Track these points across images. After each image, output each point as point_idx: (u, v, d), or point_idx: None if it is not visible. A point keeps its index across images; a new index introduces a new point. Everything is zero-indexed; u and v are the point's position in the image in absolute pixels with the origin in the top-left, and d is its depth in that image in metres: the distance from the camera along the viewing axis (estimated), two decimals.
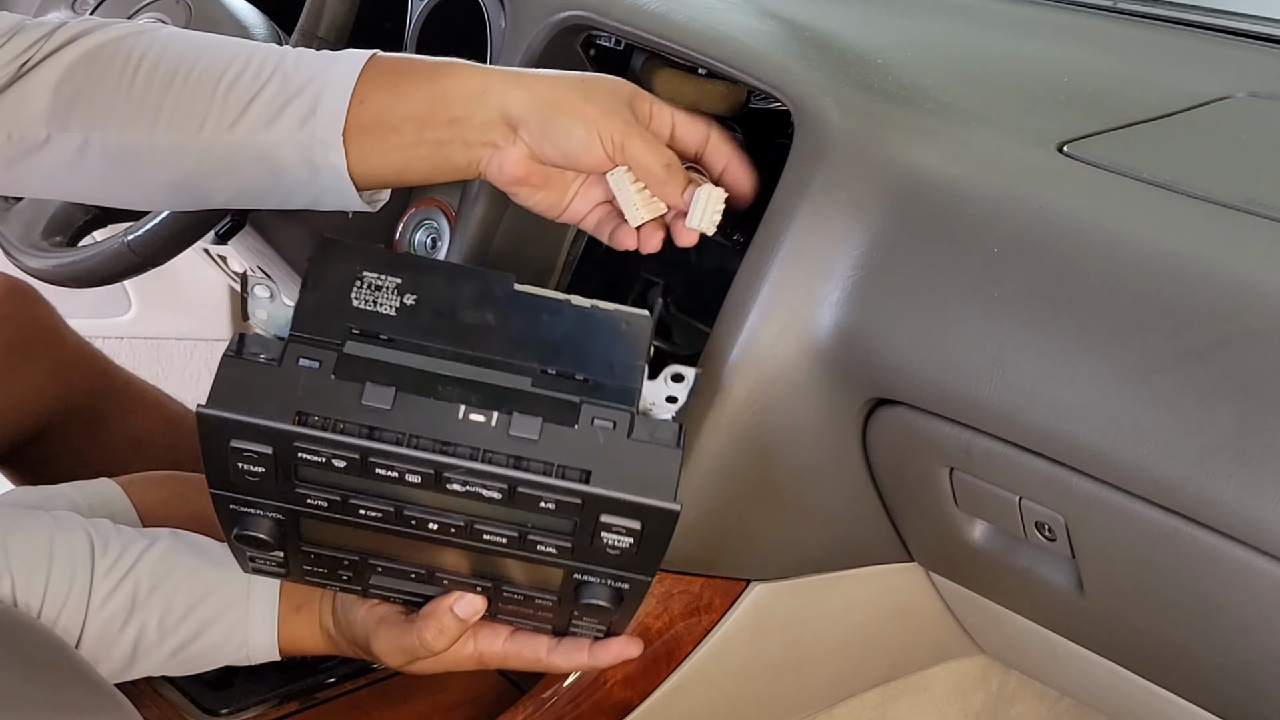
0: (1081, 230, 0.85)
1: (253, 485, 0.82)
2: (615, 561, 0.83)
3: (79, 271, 1.14)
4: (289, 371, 0.79)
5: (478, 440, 0.79)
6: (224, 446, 0.79)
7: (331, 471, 0.80)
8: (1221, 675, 0.85)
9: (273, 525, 0.85)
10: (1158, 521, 0.79)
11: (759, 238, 0.94)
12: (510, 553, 0.84)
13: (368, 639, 0.95)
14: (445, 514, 0.82)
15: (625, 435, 0.80)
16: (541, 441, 0.79)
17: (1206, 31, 1.23)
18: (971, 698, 1.32)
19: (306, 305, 0.82)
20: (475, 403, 0.79)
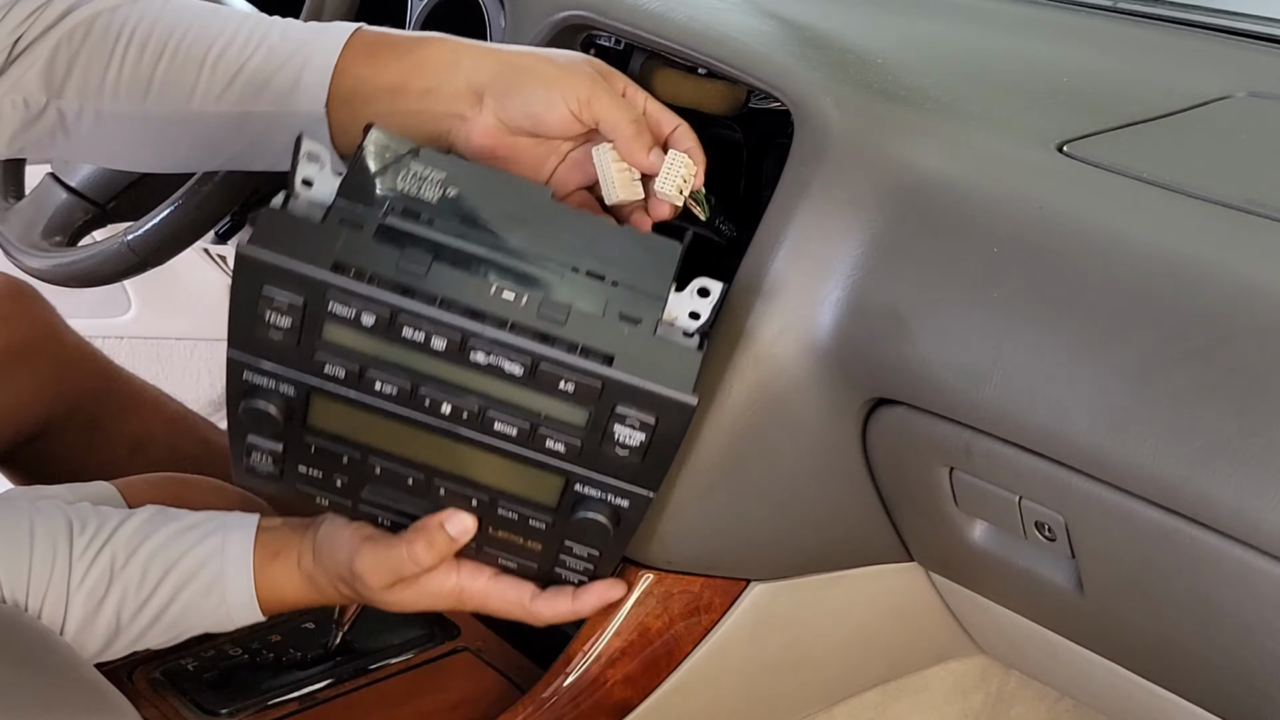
0: (1081, 230, 0.85)
1: (274, 344, 0.82)
2: (621, 466, 0.83)
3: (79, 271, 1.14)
4: (330, 228, 0.80)
5: (507, 314, 0.79)
6: (256, 293, 0.79)
7: (357, 333, 0.80)
8: (1221, 675, 0.85)
9: (282, 402, 0.84)
10: (1158, 521, 0.79)
11: (759, 237, 0.94)
12: (516, 451, 0.83)
13: (351, 559, 0.93)
14: (461, 395, 0.82)
15: (650, 331, 0.81)
16: (569, 324, 0.80)
17: (1206, 31, 1.23)
18: (971, 698, 1.32)
19: (353, 178, 0.83)
20: (508, 282, 0.80)
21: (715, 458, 0.96)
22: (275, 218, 0.80)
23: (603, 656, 1.03)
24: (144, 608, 0.95)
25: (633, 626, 1.02)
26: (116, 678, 1.04)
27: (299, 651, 1.09)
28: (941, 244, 0.89)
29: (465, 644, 1.13)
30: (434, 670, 1.10)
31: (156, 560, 0.96)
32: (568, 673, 1.03)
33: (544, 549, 0.91)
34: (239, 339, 0.83)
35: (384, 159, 0.85)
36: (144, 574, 0.95)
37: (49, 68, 0.94)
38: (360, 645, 1.10)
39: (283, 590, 0.97)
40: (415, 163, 0.85)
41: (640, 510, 0.86)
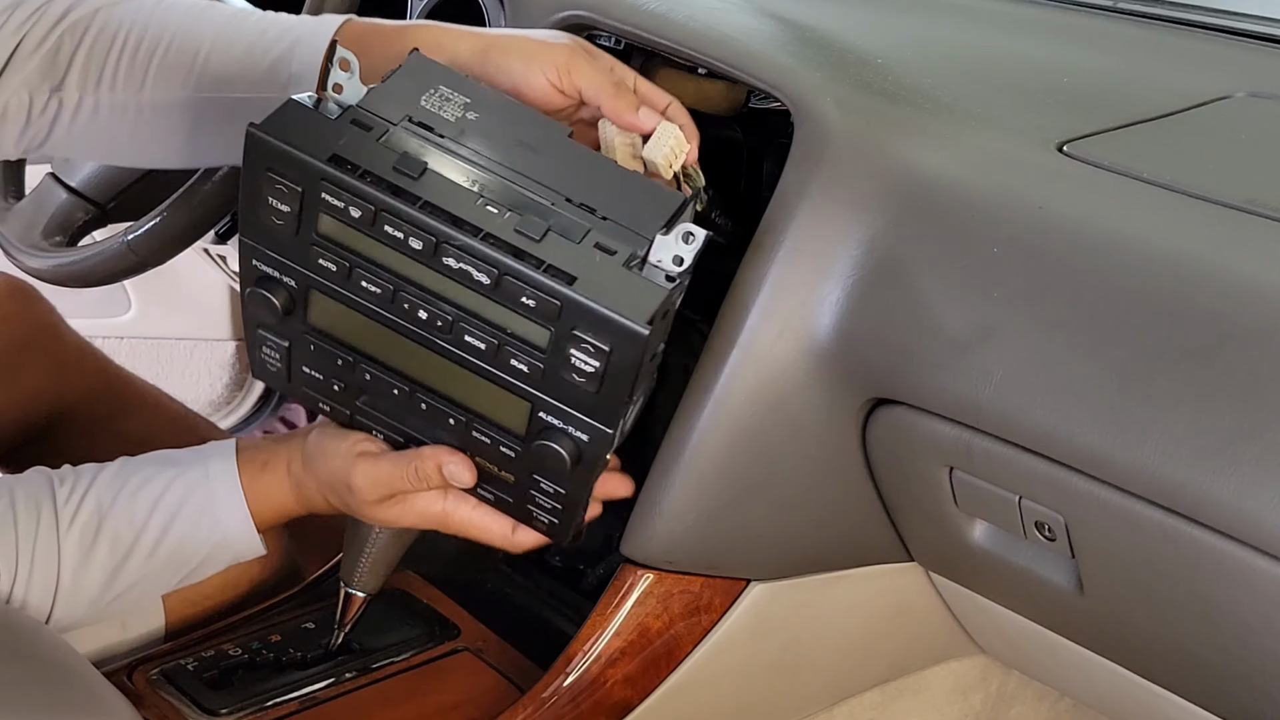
0: (1081, 230, 0.85)
1: (276, 232, 0.87)
2: (580, 397, 0.84)
3: (79, 271, 1.14)
4: (340, 126, 0.85)
5: (484, 224, 0.82)
6: (261, 174, 0.85)
7: (346, 226, 0.84)
8: (1221, 675, 0.85)
9: (284, 293, 0.89)
10: (1158, 521, 0.79)
11: (759, 238, 0.94)
12: (485, 368, 0.86)
13: (348, 472, 0.95)
14: (436, 302, 0.85)
15: (621, 263, 0.83)
16: (543, 244, 0.82)
17: (1206, 31, 1.23)
18: (971, 698, 1.32)
19: (380, 90, 0.88)
20: (495, 197, 0.84)
21: (715, 458, 0.96)
22: (292, 108, 0.85)
23: (603, 656, 1.03)
24: (137, 543, 0.96)
25: (633, 626, 1.02)
26: (116, 678, 1.04)
27: (299, 651, 1.09)
28: (941, 244, 0.89)
29: (465, 644, 1.13)
30: (434, 670, 1.10)
31: (142, 495, 0.97)
32: (568, 673, 1.03)
33: (516, 482, 0.92)
34: (248, 225, 0.88)
35: (415, 79, 0.89)
36: (132, 511, 0.96)
37: (51, 62, 0.98)
38: (360, 645, 1.10)
39: (273, 499, 0.99)
40: (445, 86, 0.89)
41: (600, 450, 0.86)
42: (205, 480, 0.98)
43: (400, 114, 0.87)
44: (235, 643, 1.09)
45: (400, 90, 0.88)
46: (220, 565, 1.00)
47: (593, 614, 1.03)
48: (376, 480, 0.94)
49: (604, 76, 0.94)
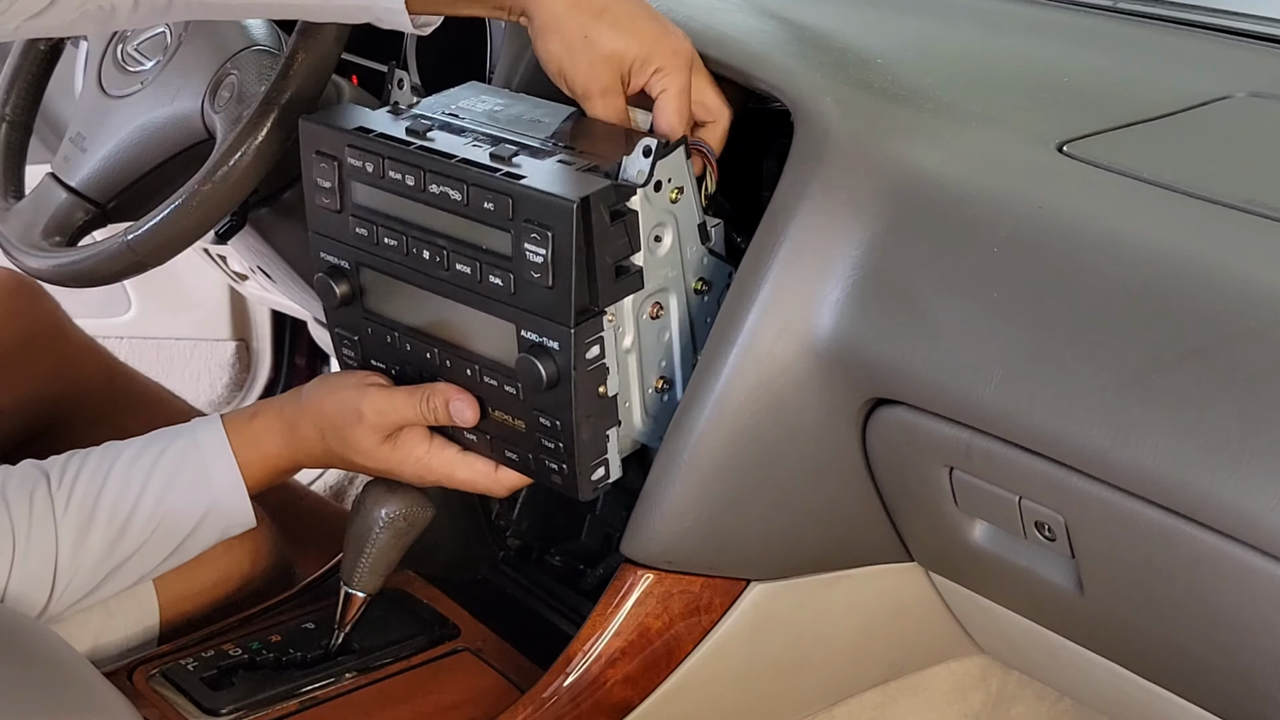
0: (1081, 230, 0.85)
1: (328, 214, 1.00)
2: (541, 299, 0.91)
3: (79, 271, 1.14)
4: (378, 115, 1.00)
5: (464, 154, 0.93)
6: (310, 157, 0.99)
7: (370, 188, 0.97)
8: (1221, 675, 0.85)
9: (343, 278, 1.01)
10: (1158, 521, 0.79)
11: (759, 237, 0.94)
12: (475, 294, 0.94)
13: (357, 402, 0.98)
14: (431, 237, 0.95)
15: (575, 169, 0.91)
16: (510, 162, 0.92)
17: (1206, 31, 1.23)
18: (971, 698, 1.32)
19: (430, 101, 1.02)
20: (486, 141, 0.95)
21: (715, 457, 0.96)
22: (344, 106, 1.03)
23: (603, 656, 1.02)
24: (134, 513, 0.97)
25: (633, 626, 1.02)
26: (116, 678, 1.04)
27: (299, 651, 1.09)
28: (941, 244, 0.89)
29: (465, 644, 1.13)
30: (434, 670, 1.10)
31: (135, 468, 0.98)
32: (568, 673, 1.03)
33: (526, 427, 0.97)
34: (313, 217, 1.02)
35: (461, 94, 1.03)
36: (126, 482, 0.97)
37: None
38: (360, 645, 1.10)
39: (263, 445, 1.01)
40: (484, 94, 1.04)
41: (568, 355, 0.91)
42: (195, 447, 1.00)
43: (436, 108, 1.01)
44: (235, 643, 1.09)
45: (446, 100, 1.02)
46: (213, 535, 1.01)
47: (593, 614, 1.03)
48: (388, 408, 0.98)
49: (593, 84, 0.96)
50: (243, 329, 2.02)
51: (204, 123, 1.15)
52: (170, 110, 1.17)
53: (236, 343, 2.01)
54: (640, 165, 0.90)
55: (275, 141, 1.05)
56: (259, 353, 2.03)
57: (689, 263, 0.97)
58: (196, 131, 1.16)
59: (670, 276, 0.96)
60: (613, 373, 0.95)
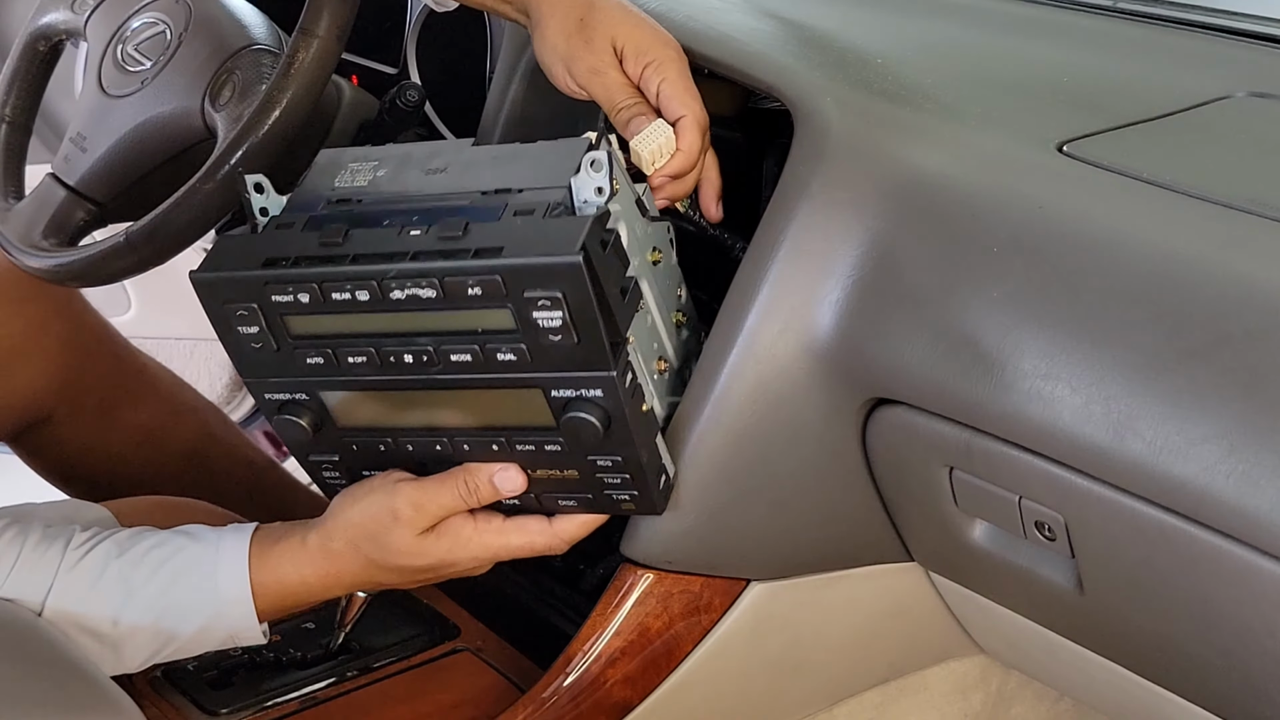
0: (1081, 230, 0.85)
1: (263, 357, 0.91)
2: (569, 356, 0.85)
3: (79, 271, 1.13)
4: (266, 235, 0.91)
5: (411, 247, 0.86)
6: (222, 311, 0.89)
7: (308, 315, 0.87)
8: (1221, 675, 0.85)
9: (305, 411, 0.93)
10: (1158, 521, 0.79)
11: (759, 237, 0.94)
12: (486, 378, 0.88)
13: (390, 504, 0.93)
14: (411, 340, 0.87)
15: (542, 218, 0.85)
16: (466, 237, 0.85)
17: (1206, 31, 1.23)
18: (971, 698, 1.32)
19: (297, 194, 0.94)
20: (414, 223, 0.87)
21: (715, 457, 0.96)
22: (221, 243, 0.90)
23: (603, 656, 1.03)
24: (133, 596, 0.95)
25: (633, 626, 1.02)
26: (118, 677, 1.04)
27: (299, 651, 1.09)
28: (941, 244, 0.89)
29: (465, 644, 1.13)
30: (434, 670, 1.10)
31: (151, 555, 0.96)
32: (568, 673, 1.03)
33: (580, 474, 0.93)
34: (241, 364, 0.92)
35: (326, 170, 0.95)
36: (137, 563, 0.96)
37: None
38: (360, 645, 1.10)
39: (286, 573, 0.96)
40: (352, 161, 0.94)
41: (616, 396, 0.87)
42: (215, 551, 0.97)
43: (319, 200, 0.92)
44: None
45: (315, 185, 0.94)
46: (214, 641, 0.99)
47: (593, 614, 1.03)
48: (424, 501, 0.93)
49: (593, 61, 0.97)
50: None
51: (204, 122, 1.15)
52: (170, 110, 1.17)
53: None
54: (597, 182, 0.86)
55: (276, 141, 1.04)
56: None
57: (641, 241, 0.94)
58: (197, 131, 1.16)
59: (636, 265, 0.93)
60: (646, 387, 0.92)
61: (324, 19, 1.02)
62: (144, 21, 1.21)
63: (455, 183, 0.91)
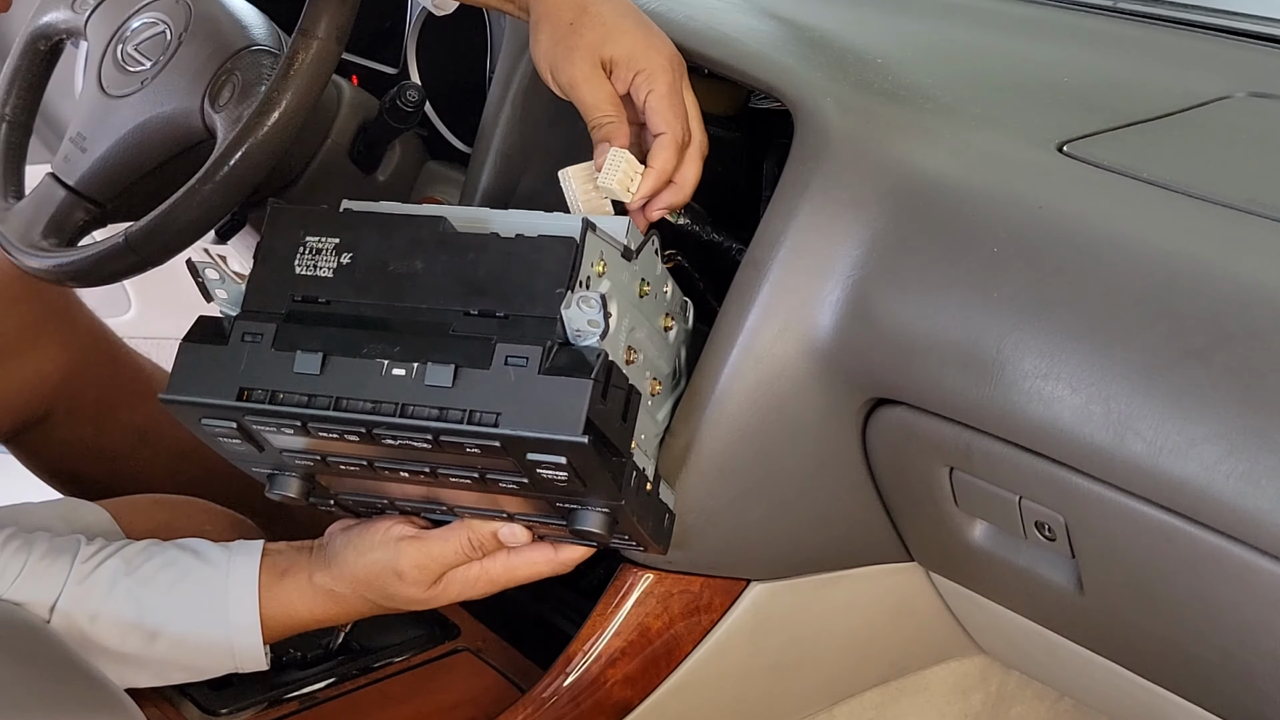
0: (1081, 230, 0.85)
1: (244, 455, 0.89)
2: (573, 490, 0.83)
3: (78, 271, 1.13)
4: (235, 349, 0.86)
5: (399, 395, 0.82)
6: (199, 427, 0.87)
7: (291, 437, 0.85)
8: (1221, 675, 0.85)
9: (296, 484, 0.92)
10: (1158, 521, 0.79)
11: (759, 237, 0.94)
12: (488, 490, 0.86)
13: (393, 562, 0.93)
14: (406, 463, 0.85)
15: (536, 371, 0.80)
16: (456, 388, 0.81)
17: (1206, 31, 1.23)
18: (971, 698, 1.32)
19: (255, 280, 0.88)
20: (397, 356, 0.83)
21: (715, 458, 0.96)
22: (188, 354, 0.87)
23: (603, 656, 1.02)
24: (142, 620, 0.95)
25: (633, 626, 1.02)
26: None
27: (299, 651, 1.09)
28: (941, 244, 0.89)
29: (465, 644, 1.13)
30: (434, 670, 1.10)
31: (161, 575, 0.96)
32: (568, 673, 1.03)
33: None
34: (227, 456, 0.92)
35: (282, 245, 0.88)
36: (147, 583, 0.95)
37: None
38: (360, 645, 1.10)
39: (295, 608, 0.97)
40: (310, 236, 0.88)
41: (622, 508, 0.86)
42: (224, 576, 0.97)
43: (285, 295, 0.87)
44: None
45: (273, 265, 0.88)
46: (218, 670, 0.99)
47: (593, 614, 1.03)
48: (427, 560, 0.93)
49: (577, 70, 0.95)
50: None
51: (204, 123, 1.15)
52: (170, 110, 1.17)
53: None
54: (589, 316, 0.80)
55: (276, 141, 1.04)
56: None
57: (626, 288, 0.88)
58: (196, 131, 1.16)
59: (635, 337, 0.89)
60: (647, 468, 0.90)
61: (324, 20, 1.02)
62: (144, 21, 1.21)
63: (431, 291, 0.85)
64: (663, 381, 0.96)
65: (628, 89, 0.95)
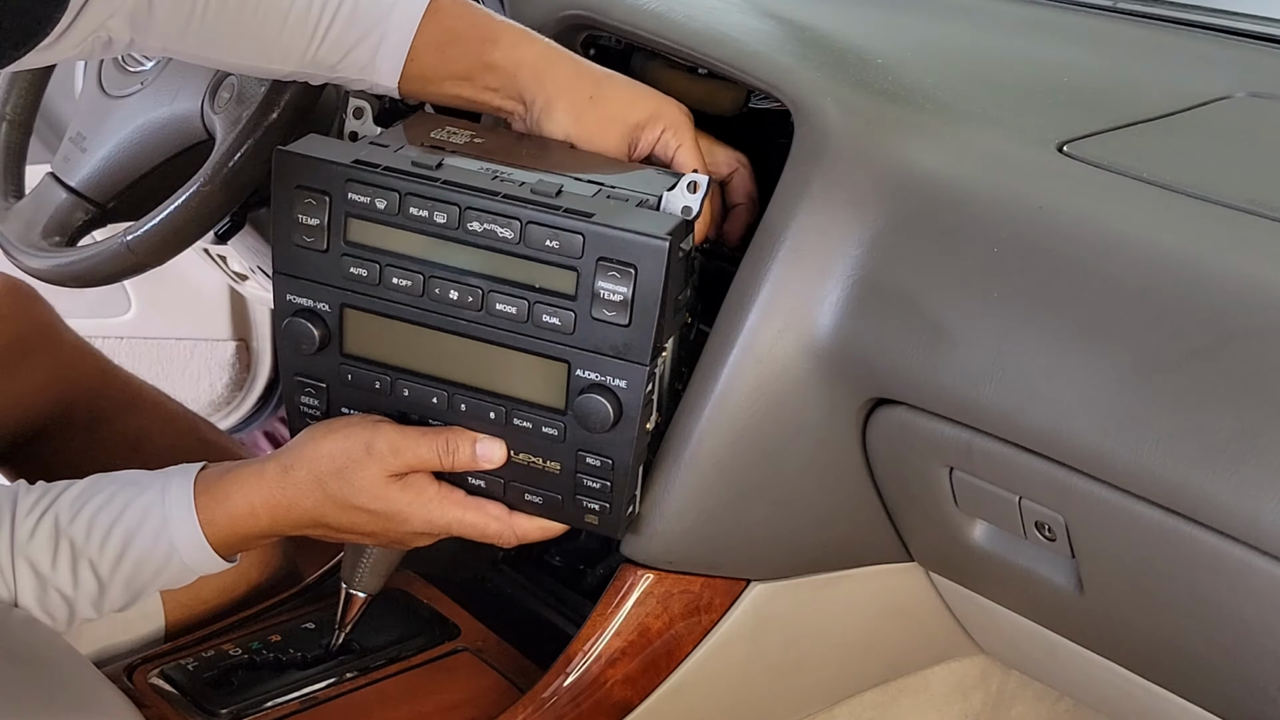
0: (1081, 230, 0.85)
1: (308, 254, 0.91)
2: (611, 337, 0.87)
3: (78, 271, 1.14)
4: (360, 145, 0.92)
5: (502, 189, 0.88)
6: (290, 192, 0.90)
7: (374, 225, 0.89)
8: (1221, 675, 0.85)
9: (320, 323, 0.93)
10: (1158, 521, 0.79)
11: (759, 237, 0.94)
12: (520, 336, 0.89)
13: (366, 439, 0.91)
14: (465, 278, 0.89)
15: (634, 205, 0.89)
16: (560, 197, 0.87)
17: (1206, 31, 1.23)
18: (971, 698, 1.32)
19: (393, 131, 0.96)
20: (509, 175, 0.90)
21: (715, 457, 0.96)
22: (316, 138, 0.92)
23: (603, 656, 1.03)
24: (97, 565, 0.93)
25: (633, 626, 1.02)
26: (116, 678, 1.04)
27: (299, 651, 1.09)
28: (941, 244, 0.89)
29: (465, 644, 1.13)
30: (434, 670, 1.10)
31: (101, 515, 0.93)
32: (568, 673, 1.03)
33: (562, 469, 0.93)
34: (281, 256, 0.92)
35: (420, 123, 0.97)
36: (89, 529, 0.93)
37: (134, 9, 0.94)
38: (360, 645, 1.10)
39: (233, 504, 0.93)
40: (449, 125, 0.97)
41: (639, 391, 0.88)
42: (161, 501, 0.94)
43: (415, 139, 0.94)
44: (235, 643, 1.09)
45: (410, 130, 0.95)
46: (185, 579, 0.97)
47: (593, 614, 1.03)
48: (402, 446, 0.92)
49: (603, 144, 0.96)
50: (243, 329, 2.02)
51: (204, 123, 1.15)
52: (170, 110, 1.17)
53: (236, 343, 2.01)
54: (686, 201, 0.90)
55: (275, 142, 1.05)
56: (259, 353, 2.03)
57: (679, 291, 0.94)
58: (196, 132, 1.16)
59: None
60: (654, 408, 0.93)
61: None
62: None
63: (551, 164, 0.92)
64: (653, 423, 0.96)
65: (655, 144, 0.97)
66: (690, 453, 0.95)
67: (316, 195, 0.89)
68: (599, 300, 0.86)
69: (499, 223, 0.87)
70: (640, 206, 0.89)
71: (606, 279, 0.85)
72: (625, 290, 0.85)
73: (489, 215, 0.87)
